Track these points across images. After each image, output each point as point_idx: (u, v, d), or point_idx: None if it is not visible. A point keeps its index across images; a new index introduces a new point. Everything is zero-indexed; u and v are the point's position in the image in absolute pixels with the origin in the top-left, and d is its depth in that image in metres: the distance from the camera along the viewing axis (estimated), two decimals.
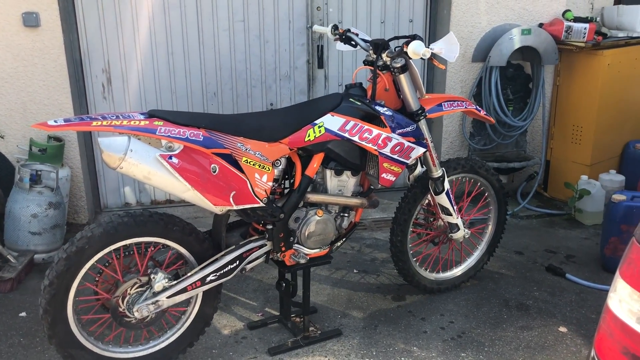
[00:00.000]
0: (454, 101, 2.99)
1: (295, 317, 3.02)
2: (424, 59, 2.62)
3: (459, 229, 3.17)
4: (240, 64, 4.43)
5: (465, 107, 3.01)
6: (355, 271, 3.64)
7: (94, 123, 2.17)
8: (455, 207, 3.09)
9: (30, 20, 3.83)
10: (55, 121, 2.15)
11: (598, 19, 4.66)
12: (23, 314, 3.10)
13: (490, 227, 3.44)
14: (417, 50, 2.51)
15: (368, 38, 2.92)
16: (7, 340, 2.88)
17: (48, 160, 3.83)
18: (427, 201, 3.19)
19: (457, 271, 3.38)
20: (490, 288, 3.43)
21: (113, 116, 2.24)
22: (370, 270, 3.65)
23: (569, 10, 4.48)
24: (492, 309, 3.21)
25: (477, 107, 3.09)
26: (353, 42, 2.93)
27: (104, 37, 4.16)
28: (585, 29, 4.31)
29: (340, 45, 3.03)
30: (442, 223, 3.22)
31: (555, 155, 4.77)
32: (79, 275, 2.32)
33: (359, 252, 3.91)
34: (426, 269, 3.31)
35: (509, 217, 4.46)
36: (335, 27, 2.98)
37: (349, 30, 2.93)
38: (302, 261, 2.67)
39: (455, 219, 3.12)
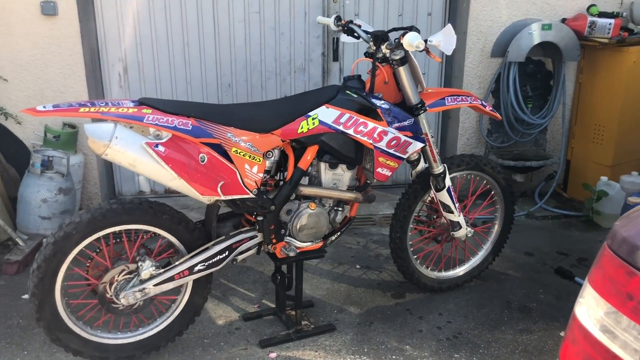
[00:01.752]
0: (458, 96, 2.91)
1: (290, 310, 3.00)
2: (418, 51, 2.55)
3: (460, 227, 3.09)
4: (255, 55, 4.42)
5: (470, 102, 2.93)
6: (357, 266, 3.60)
7: (82, 109, 2.19)
8: (457, 205, 3.02)
9: (48, 9, 3.90)
10: (44, 107, 2.18)
11: (625, 14, 4.47)
12: (25, 296, 3.16)
13: (496, 226, 3.34)
14: (411, 41, 2.44)
15: (371, 29, 2.86)
16: (7, 321, 2.95)
17: (61, 147, 3.90)
18: (429, 198, 3.12)
19: (460, 271, 3.30)
20: (494, 289, 3.34)
21: (102, 103, 2.25)
22: (373, 266, 3.61)
23: (594, 5, 4.31)
24: (493, 310, 3.12)
25: (483, 102, 3.00)
26: (356, 34, 2.87)
27: (120, 27, 4.20)
28: (610, 24, 4.15)
29: (344, 37, 2.98)
30: (445, 221, 3.15)
31: (575, 155, 4.62)
32: (66, 260, 2.35)
33: (365, 248, 3.86)
34: (427, 267, 3.25)
35: (524, 217, 4.36)
36: (338, 18, 2.94)
37: (351, 22, 2.88)
38: (292, 254, 2.65)
39: (457, 216, 3.04)
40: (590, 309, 1.33)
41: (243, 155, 2.42)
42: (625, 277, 1.26)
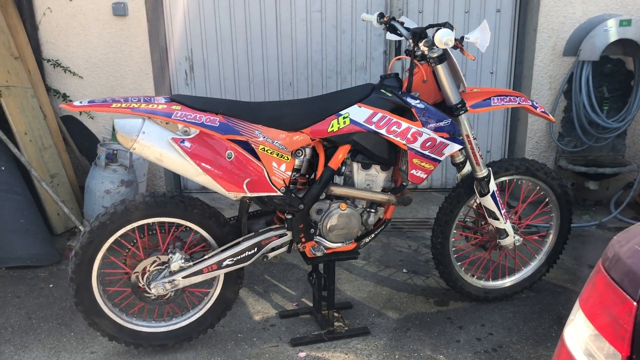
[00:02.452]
0: (506, 96, 2.75)
1: (326, 310, 2.97)
2: (450, 48, 2.43)
3: (507, 235, 2.93)
4: (316, 54, 4.43)
5: (519, 103, 2.76)
6: (404, 270, 3.51)
7: (114, 105, 2.28)
8: (502, 211, 2.86)
9: (119, 10, 4.11)
10: (81, 102, 2.30)
11: None
12: None
13: (551, 235, 3.14)
14: (441, 38, 2.33)
15: (414, 26, 2.77)
16: (61, 303, 3.14)
17: None
18: (476, 203, 2.98)
19: (507, 281, 3.13)
20: (546, 302, 3.14)
21: (135, 99, 2.33)
22: (420, 271, 3.50)
23: None
24: (542, 325, 2.93)
25: (534, 103, 2.82)
26: (398, 32, 2.79)
27: (187, 26, 4.35)
28: None
29: (389, 35, 2.91)
30: (493, 227, 2.99)
31: None
32: (102, 249, 2.46)
33: (415, 252, 3.76)
34: (473, 275, 3.10)
35: (594, 228, 4.07)
36: (380, 15, 2.87)
37: (393, 19, 2.80)
38: (319, 254, 2.62)
39: (503, 224, 2.88)
40: (578, 330, 1.21)
41: (271, 153, 2.42)
42: (615, 302, 1.13)
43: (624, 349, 1.07)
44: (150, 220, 2.48)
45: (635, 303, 1.07)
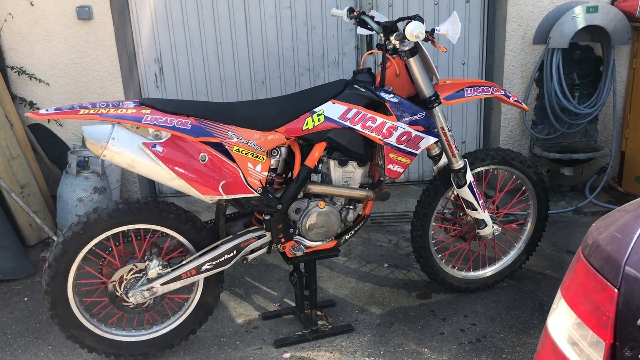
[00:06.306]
0: (479, 87, 2.75)
1: (308, 310, 2.95)
2: (421, 41, 2.43)
3: (486, 225, 2.93)
4: (287, 51, 4.39)
5: (492, 93, 2.77)
6: (385, 265, 3.50)
7: (82, 111, 2.23)
8: (480, 202, 2.86)
9: (84, 14, 4.02)
10: (47, 110, 2.24)
11: None
12: None
13: (529, 224, 3.15)
14: (412, 31, 2.32)
15: (384, 20, 2.75)
16: (37, 316, 3.07)
17: None
18: (454, 195, 2.98)
19: (488, 271, 3.14)
20: (527, 290, 3.16)
21: (103, 104, 2.28)
22: (402, 265, 3.50)
23: None
24: (524, 313, 2.95)
25: (507, 92, 2.83)
26: (369, 26, 2.77)
27: (155, 28, 4.27)
28: None
29: (360, 29, 2.88)
30: (471, 218, 3.00)
31: (630, 146, 4.29)
32: (76, 259, 2.40)
33: (396, 246, 3.75)
34: (454, 267, 3.11)
35: (571, 213, 4.11)
36: (350, 10, 2.84)
37: (363, 13, 2.78)
38: (299, 253, 2.59)
39: (481, 214, 2.89)
40: (561, 319, 1.20)
41: (245, 153, 2.39)
42: (596, 289, 1.12)
43: (607, 336, 1.07)
44: (125, 228, 2.42)
45: (616, 290, 1.07)
